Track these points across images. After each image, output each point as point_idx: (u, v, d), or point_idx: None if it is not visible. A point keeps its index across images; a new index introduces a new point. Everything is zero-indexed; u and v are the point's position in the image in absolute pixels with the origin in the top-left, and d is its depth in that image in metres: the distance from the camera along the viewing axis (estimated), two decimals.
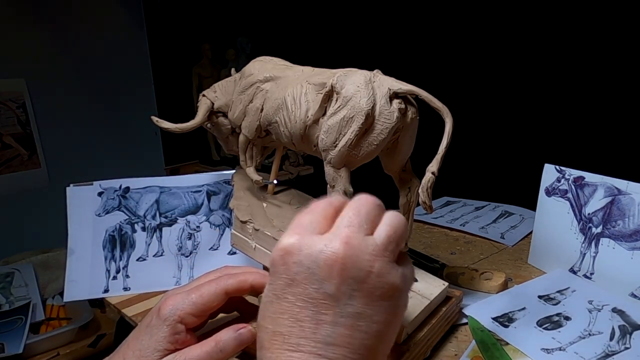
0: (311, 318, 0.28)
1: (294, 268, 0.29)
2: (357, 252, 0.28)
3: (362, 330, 0.28)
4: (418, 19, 1.86)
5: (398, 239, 0.31)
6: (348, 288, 0.28)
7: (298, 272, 0.29)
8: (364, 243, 0.29)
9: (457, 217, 0.91)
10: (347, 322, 0.28)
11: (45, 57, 1.84)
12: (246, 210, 0.59)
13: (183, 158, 2.11)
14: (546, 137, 1.61)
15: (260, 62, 0.58)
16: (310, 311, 0.28)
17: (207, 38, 2.02)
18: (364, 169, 0.54)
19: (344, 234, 0.29)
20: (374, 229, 0.31)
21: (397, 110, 0.42)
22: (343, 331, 0.28)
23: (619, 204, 0.60)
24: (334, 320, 0.28)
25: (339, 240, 0.29)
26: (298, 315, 0.28)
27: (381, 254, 0.29)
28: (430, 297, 0.49)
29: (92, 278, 0.66)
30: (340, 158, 0.44)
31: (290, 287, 0.29)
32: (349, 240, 0.29)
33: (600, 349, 0.48)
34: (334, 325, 0.28)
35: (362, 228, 0.30)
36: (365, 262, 0.28)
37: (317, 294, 0.28)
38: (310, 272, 0.28)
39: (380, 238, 0.30)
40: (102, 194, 0.70)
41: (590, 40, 1.47)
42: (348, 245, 0.28)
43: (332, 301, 0.28)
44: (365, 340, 0.28)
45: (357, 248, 0.29)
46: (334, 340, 0.28)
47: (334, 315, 0.28)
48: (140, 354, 0.40)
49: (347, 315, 0.28)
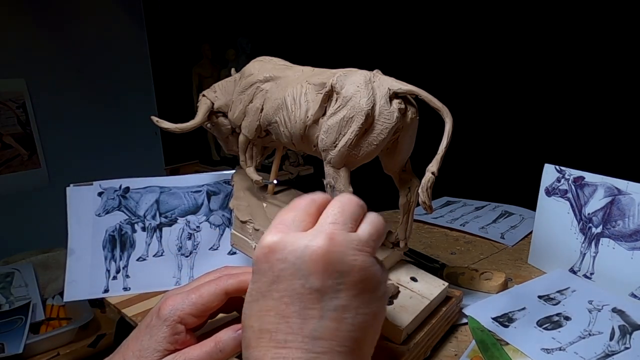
0: (298, 314, 0.28)
1: (279, 265, 0.29)
2: (342, 247, 0.29)
3: (348, 322, 0.29)
4: (418, 19, 1.86)
5: (379, 237, 0.32)
6: (333, 282, 0.28)
7: (283, 269, 0.29)
8: (348, 238, 0.30)
9: (457, 217, 0.91)
10: (333, 316, 0.28)
11: (45, 57, 1.84)
12: (246, 210, 0.59)
13: (183, 158, 2.11)
14: (546, 137, 1.61)
15: (260, 62, 0.58)
16: (297, 307, 0.28)
17: (207, 38, 2.02)
18: (364, 169, 0.54)
19: (329, 230, 0.29)
20: (356, 228, 0.31)
21: (397, 110, 0.42)
22: (330, 324, 0.28)
23: (619, 204, 0.60)
24: (320, 314, 0.28)
25: (323, 235, 0.29)
26: (284, 312, 0.28)
27: (364, 249, 0.30)
28: (430, 297, 0.49)
29: (92, 278, 0.66)
30: (340, 158, 0.44)
31: (275, 284, 0.29)
32: (334, 235, 0.29)
33: (600, 349, 0.48)
34: (320, 319, 0.28)
35: (347, 226, 0.30)
36: (349, 257, 0.29)
37: (303, 290, 0.28)
38: (296, 268, 0.29)
39: (364, 234, 0.31)
40: (102, 194, 0.70)
41: (590, 40, 1.47)
42: (333, 240, 0.29)
43: (318, 295, 0.28)
44: (351, 333, 0.29)
45: (341, 243, 0.29)
46: (321, 334, 0.28)
47: (321, 310, 0.28)
48: (140, 355, 0.40)
49: (333, 308, 0.28)
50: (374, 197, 0.47)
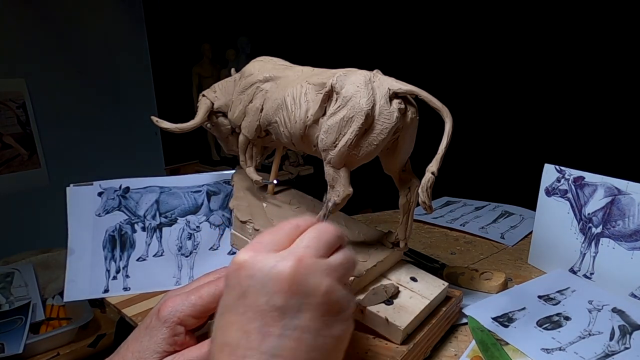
0: (258, 330, 0.29)
1: (246, 281, 0.29)
2: (309, 270, 0.29)
3: (308, 343, 0.29)
4: (418, 19, 1.86)
5: (349, 269, 0.32)
6: (296, 302, 0.29)
7: (250, 285, 0.29)
8: (317, 263, 0.30)
9: (457, 217, 0.91)
10: (293, 335, 0.29)
11: (45, 57, 1.84)
12: (246, 210, 0.59)
13: (183, 158, 2.11)
14: (546, 137, 1.61)
15: (260, 62, 0.58)
16: (259, 323, 0.29)
17: (207, 38, 2.01)
18: (364, 169, 0.54)
19: (300, 253, 0.30)
20: (328, 256, 0.32)
21: (397, 110, 0.42)
22: (289, 343, 0.28)
23: (618, 204, 0.60)
24: (281, 333, 0.28)
25: (293, 257, 0.29)
26: (246, 327, 0.29)
27: (332, 274, 0.30)
28: (430, 297, 0.49)
29: (92, 278, 0.66)
30: (340, 158, 0.44)
31: (241, 300, 0.29)
32: (303, 258, 0.29)
33: (600, 349, 0.48)
34: (280, 337, 0.28)
35: (319, 251, 0.31)
36: (316, 279, 0.29)
37: (266, 307, 0.29)
38: (262, 285, 0.29)
39: (334, 261, 0.31)
40: (102, 194, 0.70)
41: (591, 41, 1.48)
42: (301, 262, 0.29)
43: (280, 314, 0.29)
44: (311, 353, 0.29)
45: (309, 266, 0.30)
46: (280, 352, 0.28)
47: (281, 328, 0.29)
48: (140, 356, 0.40)
49: (294, 327, 0.29)
50: (373, 197, 0.46)
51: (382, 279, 0.50)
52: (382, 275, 0.51)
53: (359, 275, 0.47)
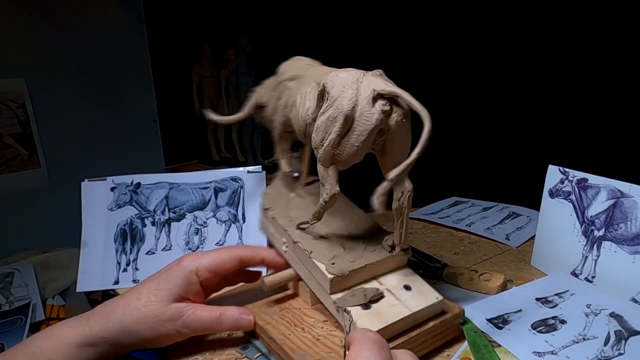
0: None
1: None
2: None
3: None
4: (421, 19, 1.84)
5: None
6: None
7: None
8: None
9: (464, 217, 0.91)
10: None
11: (45, 57, 1.82)
12: (270, 198, 0.63)
13: (183, 158, 2.08)
14: (555, 138, 1.58)
15: (291, 61, 0.61)
16: None
17: (207, 38, 1.98)
18: (364, 169, 0.55)
19: None
20: None
21: (379, 112, 0.42)
22: None
23: (621, 207, 0.59)
24: None
25: None
26: None
27: None
28: (413, 309, 0.46)
29: (103, 270, 0.69)
30: (326, 157, 0.44)
31: None
32: None
33: (592, 353, 0.48)
34: None
35: None
36: None
37: None
38: None
39: None
40: (114, 189, 0.73)
41: (595, 42, 1.44)
42: None
43: None
44: None
45: None
46: None
47: None
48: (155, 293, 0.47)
49: None
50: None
51: (373, 281, 0.50)
52: (375, 279, 0.50)
53: (340, 274, 0.47)
